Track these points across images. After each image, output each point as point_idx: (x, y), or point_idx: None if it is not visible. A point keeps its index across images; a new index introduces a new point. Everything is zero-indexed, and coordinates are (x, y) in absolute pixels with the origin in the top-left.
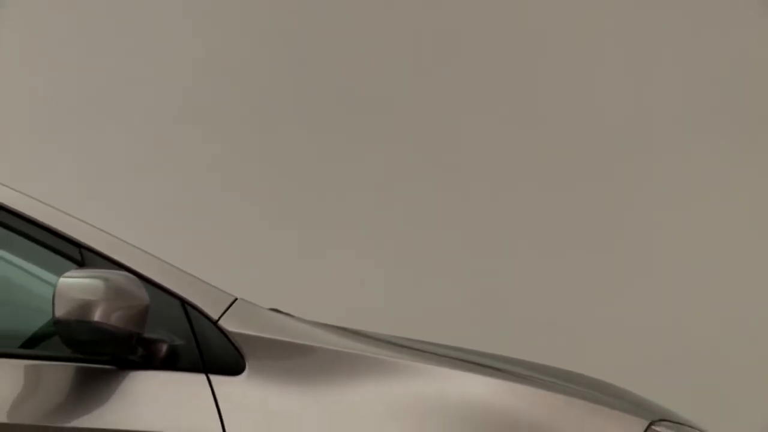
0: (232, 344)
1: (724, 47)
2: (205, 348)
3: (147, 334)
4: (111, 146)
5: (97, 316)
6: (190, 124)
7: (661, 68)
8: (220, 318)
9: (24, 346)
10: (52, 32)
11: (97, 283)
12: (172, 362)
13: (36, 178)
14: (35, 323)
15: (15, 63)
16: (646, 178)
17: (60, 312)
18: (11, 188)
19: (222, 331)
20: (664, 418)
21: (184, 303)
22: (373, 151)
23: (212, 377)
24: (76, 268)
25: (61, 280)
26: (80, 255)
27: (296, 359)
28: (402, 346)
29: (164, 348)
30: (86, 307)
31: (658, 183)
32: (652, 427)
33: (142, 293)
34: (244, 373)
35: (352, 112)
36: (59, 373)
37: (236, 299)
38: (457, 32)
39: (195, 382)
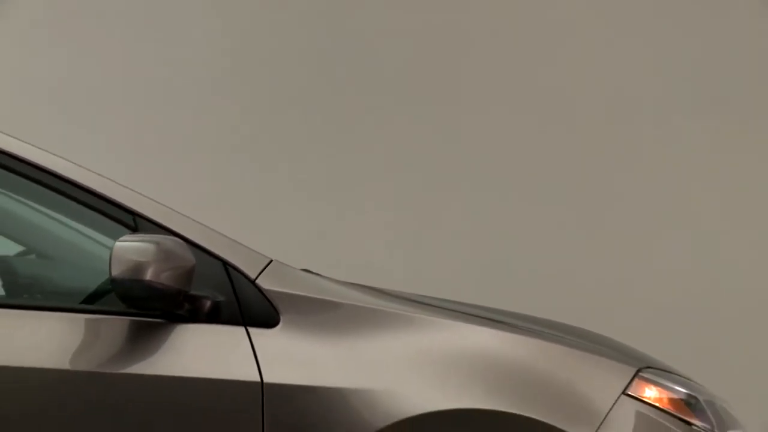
0: (268, 300)
1: (724, 42)
2: (244, 304)
3: (193, 292)
4: (153, 126)
5: (148, 275)
6: (223, 102)
7: (659, 62)
8: (257, 277)
9: (84, 302)
10: (85, 15)
11: (149, 246)
12: (215, 316)
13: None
14: (94, 282)
15: (52, 48)
16: (643, 155)
17: (116, 272)
18: (79, 165)
19: (259, 289)
20: (650, 366)
21: (225, 264)
22: (394, 122)
23: (250, 330)
24: (130, 233)
25: (117, 243)
26: (134, 222)
27: (325, 314)
28: (420, 302)
29: (208, 304)
30: (139, 267)
31: (655, 158)
32: (640, 373)
33: (189, 255)
34: (279, 326)
35: (373, 94)
36: (115, 326)
37: (271, 261)
38: (461, 24)
39: (235, 333)
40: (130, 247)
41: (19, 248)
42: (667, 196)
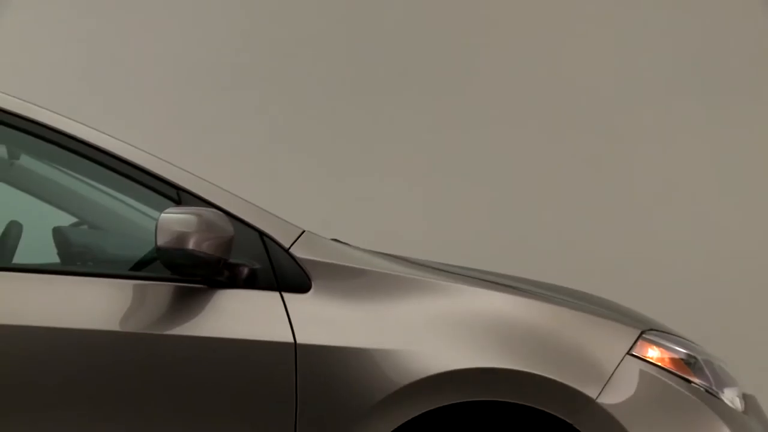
0: (301, 268)
1: (724, 38)
2: (279, 271)
3: (231, 260)
4: (168, 114)
5: (191, 244)
6: (244, 86)
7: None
8: (290, 246)
9: (132, 269)
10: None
11: (192, 218)
12: (252, 282)
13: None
14: (141, 250)
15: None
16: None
17: (161, 241)
18: (128, 143)
19: (292, 257)
20: (653, 328)
21: (261, 234)
22: (411, 103)
23: (284, 295)
24: (174, 206)
25: (162, 215)
26: (177, 195)
27: (353, 280)
28: (439, 269)
29: (245, 271)
30: (182, 237)
31: (651, 136)
32: (643, 335)
33: (228, 226)
34: (311, 291)
35: (393, 71)
36: (160, 291)
37: (304, 231)
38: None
39: (270, 298)
40: (174, 218)
41: (73, 219)
42: (668, 185)
